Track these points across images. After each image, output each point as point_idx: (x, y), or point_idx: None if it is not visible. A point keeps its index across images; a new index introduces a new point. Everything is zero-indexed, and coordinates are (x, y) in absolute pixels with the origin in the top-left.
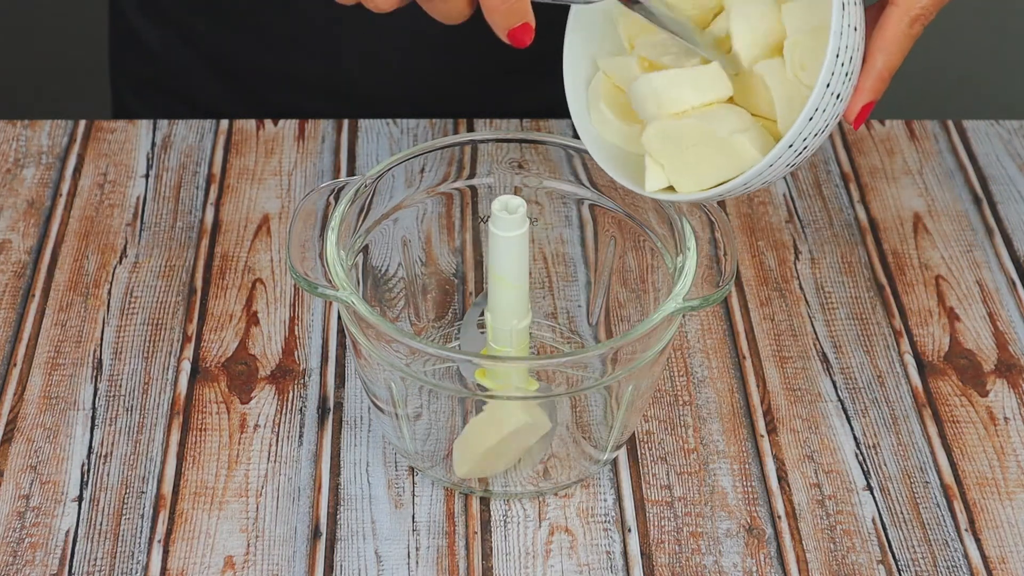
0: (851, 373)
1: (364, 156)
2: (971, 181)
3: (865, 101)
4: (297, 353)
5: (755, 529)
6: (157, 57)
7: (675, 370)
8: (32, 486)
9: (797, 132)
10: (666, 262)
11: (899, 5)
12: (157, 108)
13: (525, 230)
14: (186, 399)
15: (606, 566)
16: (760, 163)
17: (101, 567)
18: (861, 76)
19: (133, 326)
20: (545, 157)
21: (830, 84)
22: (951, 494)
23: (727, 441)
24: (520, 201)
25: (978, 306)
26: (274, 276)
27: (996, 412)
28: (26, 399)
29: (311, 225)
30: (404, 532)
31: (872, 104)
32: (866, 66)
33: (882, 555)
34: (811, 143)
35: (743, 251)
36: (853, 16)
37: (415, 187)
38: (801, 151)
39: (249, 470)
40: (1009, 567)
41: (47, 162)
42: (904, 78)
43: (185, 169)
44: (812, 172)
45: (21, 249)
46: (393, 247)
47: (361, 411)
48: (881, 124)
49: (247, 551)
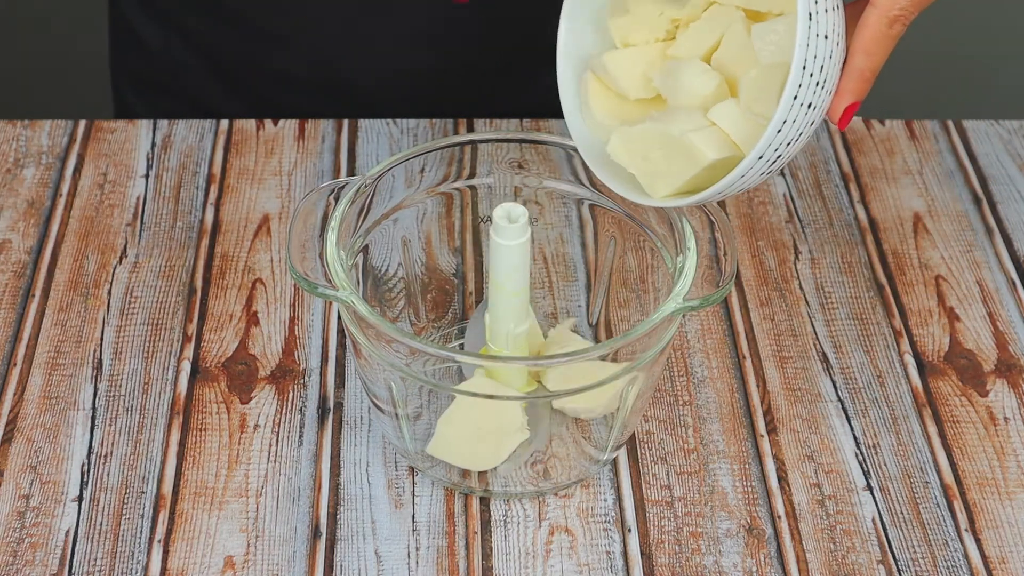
0: (851, 373)
1: (364, 156)
2: (971, 181)
3: (848, 102)
4: (297, 353)
5: (755, 529)
6: (157, 57)
7: (675, 370)
8: (32, 486)
9: (766, 144)
10: (666, 262)
11: (877, 6)
12: (158, 108)
13: (527, 239)
14: (186, 399)
15: (606, 566)
16: (731, 174)
17: (101, 567)
18: (843, 77)
19: (133, 326)
20: (545, 157)
21: (797, 95)
22: (951, 494)
23: (727, 441)
24: (523, 210)
25: (978, 306)
26: (274, 276)
27: (996, 412)
28: (26, 399)
29: (311, 225)
30: (404, 532)
31: (856, 105)
32: (847, 67)
33: (882, 555)
34: (785, 151)
35: (743, 251)
36: (823, 25)
37: (415, 187)
38: (774, 160)
39: (249, 470)
40: (1009, 567)
41: (47, 162)
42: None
43: (185, 169)
44: (812, 172)
45: (21, 249)
46: (393, 247)
47: (361, 411)
48: (881, 124)
49: (247, 551)
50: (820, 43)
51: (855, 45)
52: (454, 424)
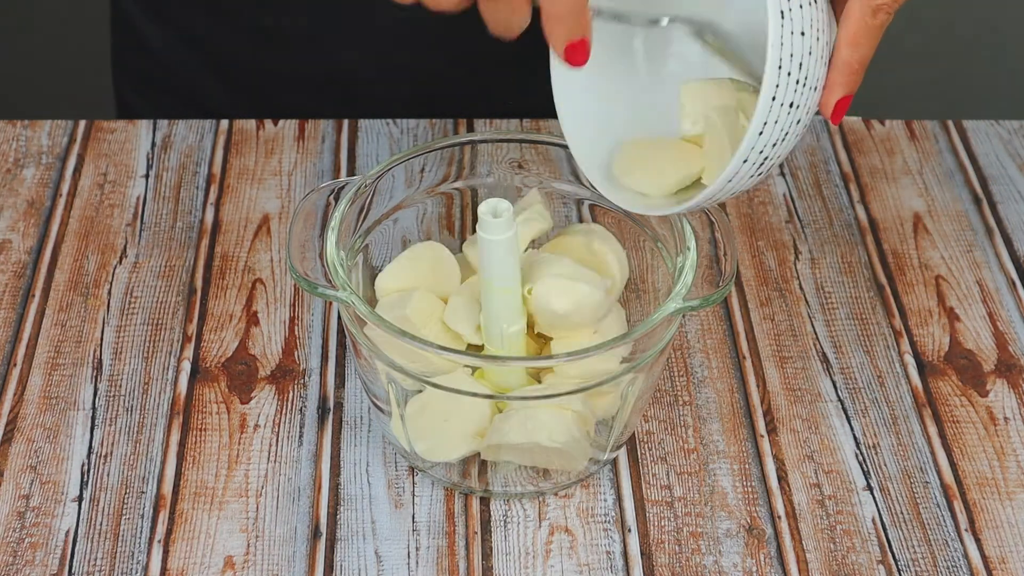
0: (851, 373)
1: (364, 156)
2: (971, 181)
3: (838, 96)
4: (297, 353)
5: (755, 529)
6: (158, 56)
7: (675, 370)
8: (32, 486)
9: (748, 147)
10: (666, 262)
11: None
12: (159, 107)
13: (512, 234)
14: (186, 399)
15: (606, 566)
16: (719, 179)
17: (101, 567)
18: (831, 71)
19: (133, 326)
20: (545, 157)
21: (776, 96)
22: (951, 494)
23: (727, 441)
24: (507, 204)
25: (978, 306)
26: (274, 276)
27: (996, 412)
28: (26, 399)
29: (311, 225)
30: (404, 532)
31: (849, 98)
32: (834, 61)
33: (882, 555)
34: (772, 152)
35: (743, 251)
36: (798, 22)
37: (415, 187)
38: (760, 162)
39: (249, 470)
40: (1009, 567)
41: (47, 162)
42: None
43: (185, 169)
44: (812, 172)
45: (21, 249)
46: (393, 247)
47: (361, 411)
48: (881, 124)
49: (247, 551)
50: (796, 40)
51: (840, 37)
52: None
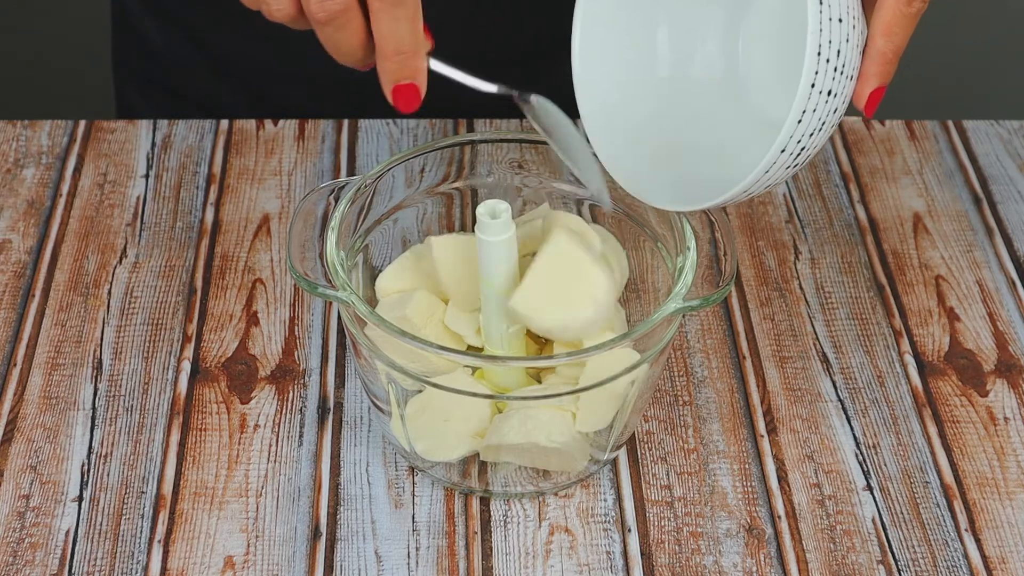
0: (851, 373)
1: (364, 156)
2: (971, 181)
3: (873, 86)
4: (297, 353)
5: (755, 529)
6: (160, 55)
7: (675, 370)
8: (32, 486)
9: (787, 135)
10: (666, 262)
11: None
12: (161, 106)
13: (511, 235)
14: (186, 399)
15: (606, 566)
16: (756, 169)
17: (101, 567)
18: (864, 61)
19: (133, 326)
20: (545, 157)
21: (815, 83)
22: (951, 494)
23: (727, 441)
24: (505, 205)
25: (978, 306)
26: (274, 276)
27: (996, 412)
28: (26, 399)
29: (311, 225)
30: (404, 532)
31: (883, 89)
32: (868, 51)
33: (882, 555)
34: (809, 143)
35: (743, 251)
36: (835, 8)
37: (415, 187)
38: (798, 152)
39: (249, 470)
40: (1009, 567)
41: (47, 162)
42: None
43: (185, 169)
44: (812, 172)
45: (21, 249)
46: (393, 247)
47: (361, 411)
48: (881, 124)
49: (247, 551)
50: (835, 27)
51: (875, 27)
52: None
